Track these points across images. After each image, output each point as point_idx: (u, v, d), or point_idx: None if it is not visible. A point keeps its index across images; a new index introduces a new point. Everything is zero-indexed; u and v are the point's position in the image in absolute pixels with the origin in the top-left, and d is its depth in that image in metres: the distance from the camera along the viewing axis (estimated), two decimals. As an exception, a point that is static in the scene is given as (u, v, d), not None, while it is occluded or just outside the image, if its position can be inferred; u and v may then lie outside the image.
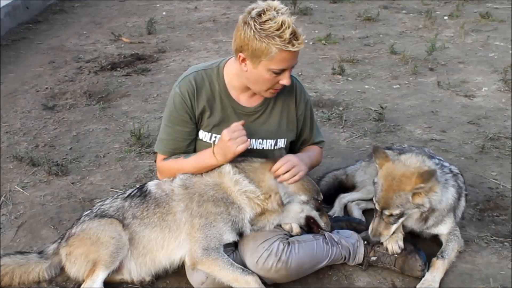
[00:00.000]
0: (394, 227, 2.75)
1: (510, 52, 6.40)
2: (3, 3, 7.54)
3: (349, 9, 8.57)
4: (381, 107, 4.75)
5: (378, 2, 8.83)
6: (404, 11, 8.42)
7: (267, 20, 2.39)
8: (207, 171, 2.71)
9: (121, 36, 7.33)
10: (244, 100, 2.77)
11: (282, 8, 2.45)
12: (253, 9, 2.45)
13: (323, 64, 6.20)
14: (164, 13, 8.71)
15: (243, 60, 2.53)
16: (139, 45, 7.05)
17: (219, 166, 2.68)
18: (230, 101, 2.75)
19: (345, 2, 9.00)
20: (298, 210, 2.72)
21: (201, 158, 2.72)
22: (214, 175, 2.69)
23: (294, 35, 2.41)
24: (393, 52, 6.41)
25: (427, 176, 2.62)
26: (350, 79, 5.72)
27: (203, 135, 2.80)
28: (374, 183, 2.82)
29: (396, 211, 2.69)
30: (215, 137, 2.77)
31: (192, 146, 2.83)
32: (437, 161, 3.07)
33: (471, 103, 5.04)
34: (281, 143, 2.86)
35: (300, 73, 5.74)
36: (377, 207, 2.76)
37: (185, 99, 2.71)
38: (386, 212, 2.71)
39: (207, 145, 2.76)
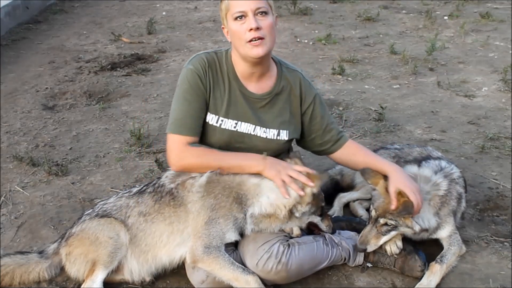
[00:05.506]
0: (383, 239, 2.75)
1: (510, 52, 6.40)
2: (3, 3, 7.54)
3: (349, 9, 8.56)
4: (381, 107, 4.75)
5: (378, 2, 8.83)
6: (404, 11, 8.41)
7: None
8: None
9: (121, 36, 7.32)
10: (252, 87, 2.78)
11: None
12: None
13: (323, 64, 6.20)
14: (164, 13, 8.71)
15: (224, 29, 2.74)
16: (139, 45, 7.05)
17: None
18: (239, 85, 2.76)
19: (345, 2, 9.00)
20: (304, 220, 2.72)
21: (245, 156, 2.68)
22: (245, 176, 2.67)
23: None
24: (393, 52, 6.41)
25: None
26: (350, 79, 5.72)
27: (209, 117, 2.76)
28: (373, 189, 2.82)
29: (391, 221, 2.69)
30: (222, 120, 2.75)
31: (201, 129, 2.77)
32: (434, 166, 3.04)
33: (471, 103, 5.04)
34: (284, 134, 2.84)
35: (300, 73, 5.73)
36: (373, 214, 2.76)
37: (199, 73, 2.71)
38: (381, 221, 2.71)
39: (214, 128, 2.75)
